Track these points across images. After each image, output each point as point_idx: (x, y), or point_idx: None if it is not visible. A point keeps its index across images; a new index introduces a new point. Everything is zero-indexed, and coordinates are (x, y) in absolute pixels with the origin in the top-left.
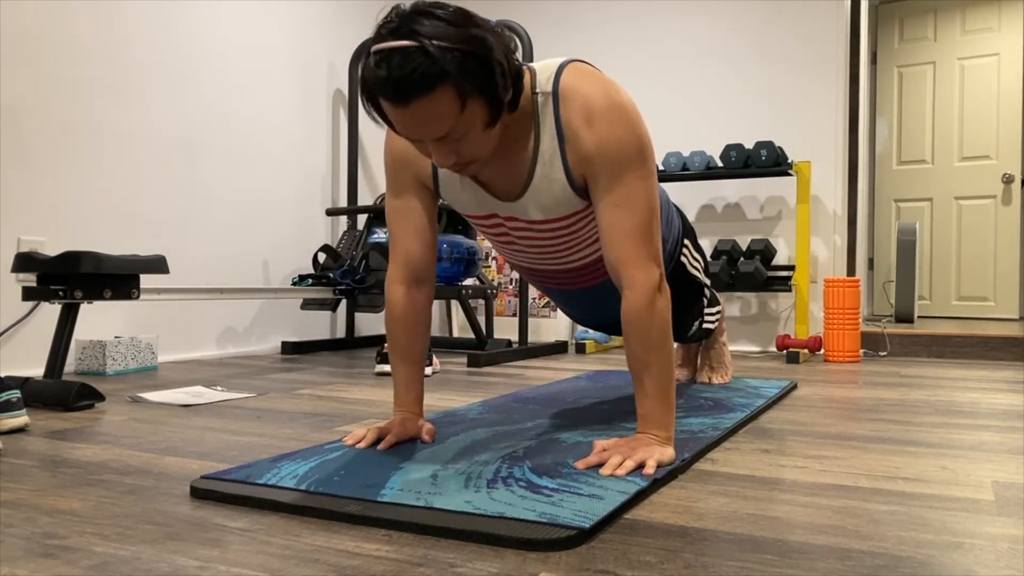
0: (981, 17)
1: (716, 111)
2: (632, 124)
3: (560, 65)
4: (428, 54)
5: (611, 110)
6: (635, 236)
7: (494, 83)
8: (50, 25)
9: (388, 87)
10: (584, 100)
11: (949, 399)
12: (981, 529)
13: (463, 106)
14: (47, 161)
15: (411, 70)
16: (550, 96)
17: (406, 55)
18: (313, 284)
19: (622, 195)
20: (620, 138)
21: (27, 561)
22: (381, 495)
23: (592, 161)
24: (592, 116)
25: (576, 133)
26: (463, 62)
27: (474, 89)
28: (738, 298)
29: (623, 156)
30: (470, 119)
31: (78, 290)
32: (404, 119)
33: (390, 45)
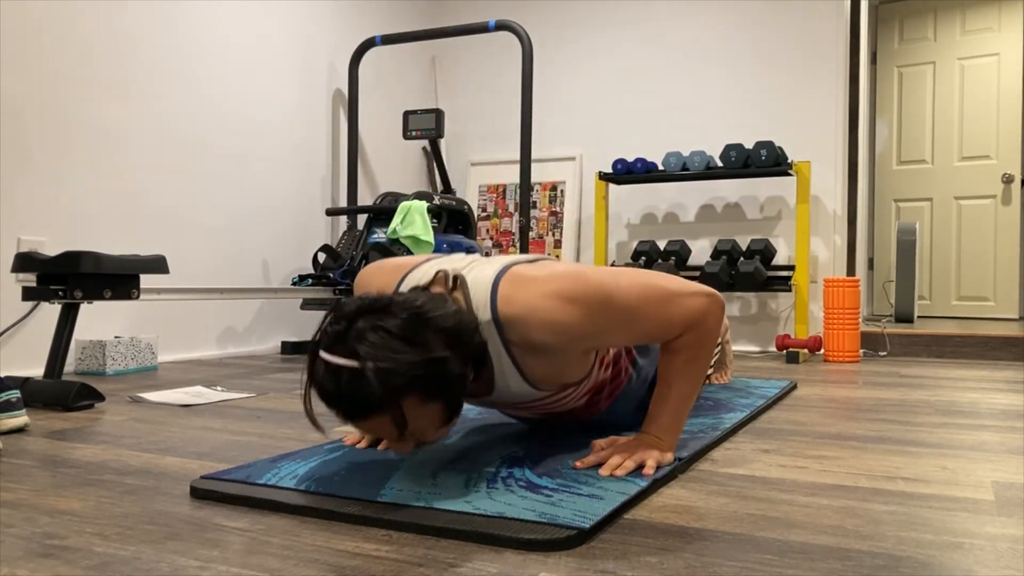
0: (981, 17)
1: (716, 111)
2: (577, 313)
3: (492, 286)
4: (371, 379)
5: (555, 330)
6: (659, 326)
7: (451, 391)
8: (51, 25)
9: (336, 403)
10: (523, 328)
11: (949, 399)
12: (981, 529)
13: (416, 416)
14: (47, 161)
15: (357, 396)
16: (491, 324)
17: (352, 377)
18: (313, 284)
19: (619, 336)
20: (574, 329)
21: (27, 561)
22: (381, 495)
23: (564, 358)
24: (537, 348)
25: (528, 358)
26: (413, 383)
27: (428, 399)
28: (738, 298)
29: (592, 332)
30: (427, 419)
31: (78, 290)
32: (358, 427)
33: (335, 360)
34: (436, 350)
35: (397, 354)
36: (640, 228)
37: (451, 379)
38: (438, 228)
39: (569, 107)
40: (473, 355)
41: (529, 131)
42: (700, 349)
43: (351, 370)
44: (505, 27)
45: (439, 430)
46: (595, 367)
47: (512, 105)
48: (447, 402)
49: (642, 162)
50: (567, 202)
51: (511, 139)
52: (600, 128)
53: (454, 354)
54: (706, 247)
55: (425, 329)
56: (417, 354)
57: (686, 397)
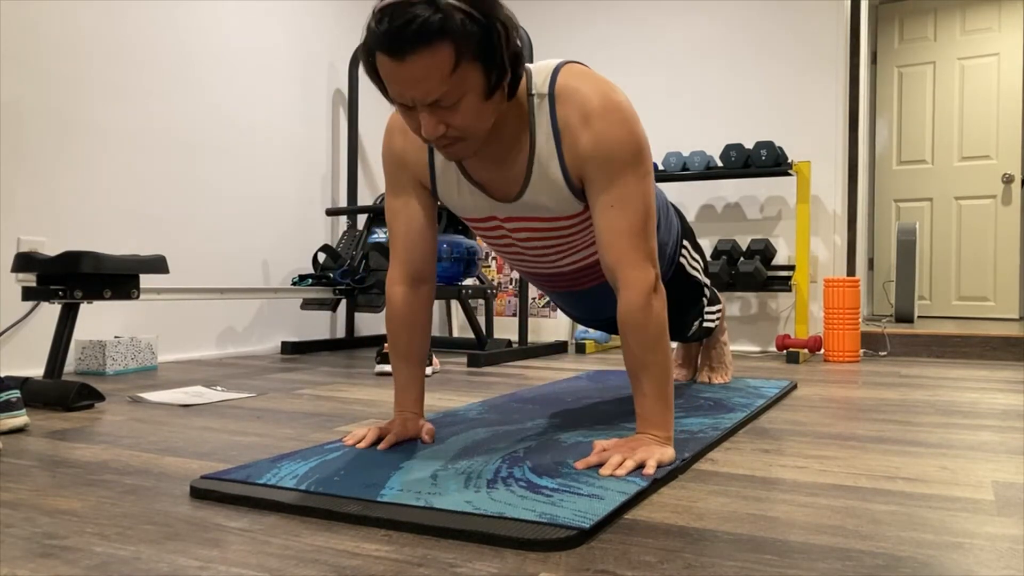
0: (981, 17)
1: (716, 111)
2: (629, 124)
3: (556, 66)
4: (430, 6)
5: (608, 110)
6: (631, 236)
7: (495, 51)
8: (51, 25)
9: (386, 39)
10: (581, 100)
11: (949, 399)
12: (981, 529)
13: (460, 67)
14: (47, 161)
15: (409, 21)
16: (546, 97)
17: (408, 7)
18: (313, 284)
19: (618, 196)
20: (617, 138)
21: (27, 561)
22: (381, 495)
23: (589, 161)
24: (589, 116)
25: (573, 133)
26: (465, 22)
27: (473, 52)
28: (738, 298)
29: (619, 156)
30: (465, 84)
31: (78, 290)
32: (399, 75)
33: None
34: (496, 12)
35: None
36: None
37: (498, 39)
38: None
39: None
40: (514, 48)
41: None
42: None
43: (408, 1)
44: None
45: (472, 111)
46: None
47: None
48: (487, 70)
49: None
50: None
51: None
52: None
53: (504, 21)
54: (706, 247)
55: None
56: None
57: (659, 387)
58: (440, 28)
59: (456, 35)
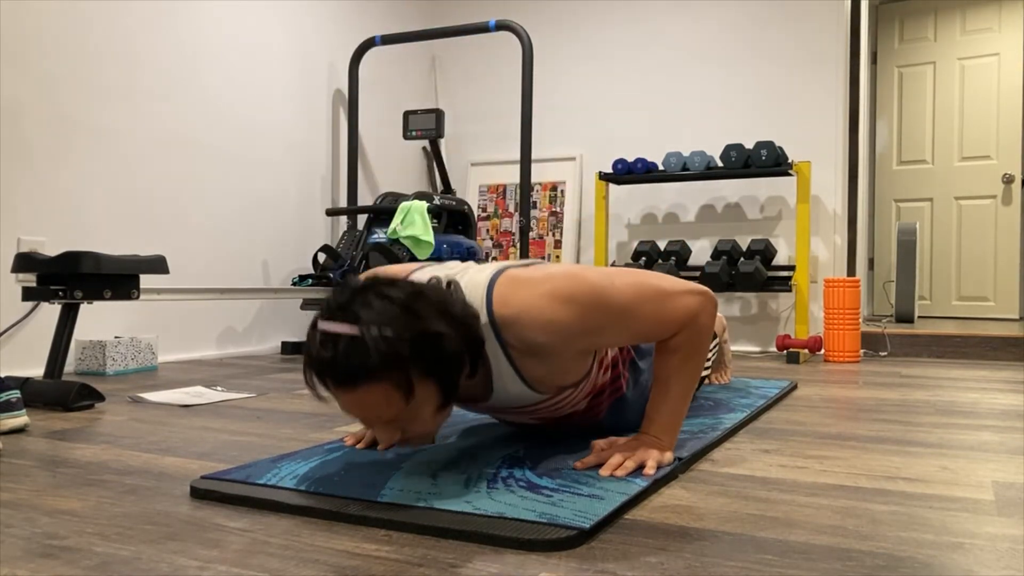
0: (981, 17)
1: (716, 111)
2: (571, 306)
3: (488, 288)
4: (371, 346)
5: (548, 326)
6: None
7: (447, 371)
8: (50, 25)
9: (330, 371)
10: (521, 333)
11: (949, 399)
12: (981, 529)
13: (410, 394)
14: (47, 161)
15: (352, 360)
16: (488, 328)
17: (349, 343)
18: (313, 284)
19: (612, 340)
20: (571, 327)
21: (27, 561)
22: (381, 495)
23: (560, 357)
24: (533, 347)
25: (525, 359)
26: (410, 353)
27: (424, 375)
28: (738, 298)
29: (587, 330)
30: (420, 402)
31: (78, 290)
32: (348, 402)
33: (334, 328)
34: (437, 324)
35: (398, 322)
36: (640, 228)
37: (449, 357)
38: (438, 228)
39: (569, 107)
40: (472, 345)
41: (529, 131)
42: (694, 348)
43: (350, 336)
44: (505, 27)
45: (430, 420)
46: (594, 368)
47: (512, 105)
48: (442, 384)
49: (642, 162)
50: (567, 202)
51: (511, 139)
52: (600, 128)
53: (454, 335)
54: (706, 247)
55: (428, 305)
56: (418, 325)
57: (683, 396)
58: (382, 368)
59: (399, 371)
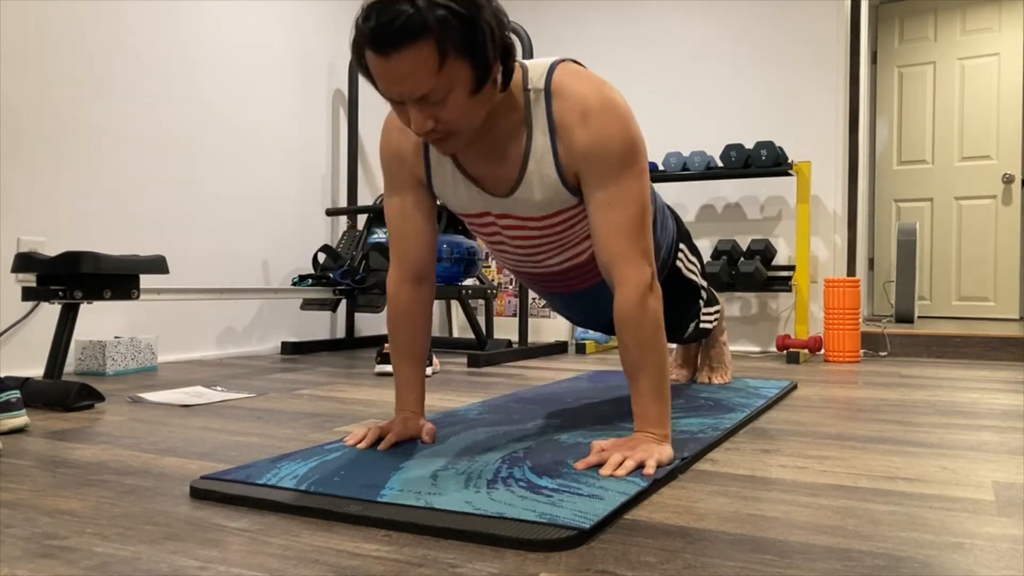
0: (981, 17)
1: (716, 111)
2: (625, 122)
3: (552, 63)
4: (414, 4)
5: (604, 108)
6: (627, 234)
7: (480, 46)
8: (50, 25)
9: (372, 36)
10: (578, 97)
11: (949, 399)
12: (981, 529)
13: (445, 63)
14: (47, 161)
15: (394, 18)
16: (542, 92)
17: (393, 5)
18: (313, 284)
19: (614, 193)
20: (613, 136)
21: (27, 561)
22: (381, 495)
23: (585, 158)
24: (586, 114)
25: (569, 130)
26: (449, 18)
27: (458, 48)
28: (738, 298)
29: (616, 154)
30: (453, 79)
31: (78, 290)
32: (386, 71)
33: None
34: (483, 10)
35: None
36: None
37: (484, 38)
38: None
39: None
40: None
41: None
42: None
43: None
44: None
45: (461, 106)
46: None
47: None
48: (475, 65)
49: None
50: None
51: None
52: None
53: (491, 19)
54: (706, 247)
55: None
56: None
57: (656, 386)
58: (423, 25)
59: (440, 31)
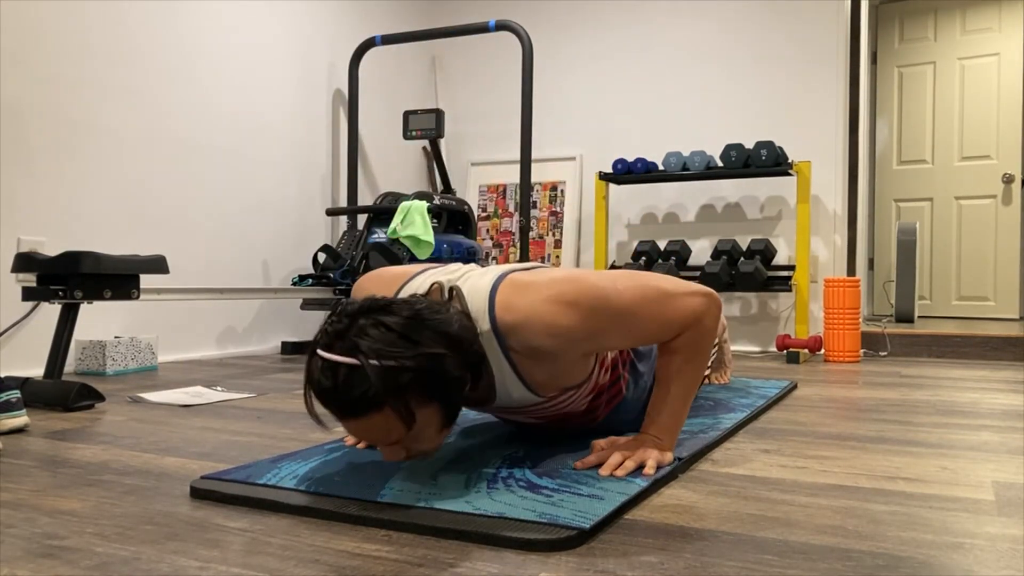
0: (981, 17)
1: (716, 111)
2: (577, 323)
3: (490, 296)
4: (369, 376)
5: (551, 331)
6: (656, 326)
7: (449, 389)
8: (51, 25)
9: (331, 400)
10: (525, 339)
11: (950, 399)
12: (981, 529)
13: (412, 419)
14: (47, 161)
15: (352, 392)
16: (491, 334)
17: (348, 374)
18: (313, 284)
19: (615, 342)
20: (574, 340)
21: (27, 561)
22: (381, 495)
23: (564, 368)
24: (537, 352)
25: (528, 366)
26: (410, 381)
27: (426, 400)
28: (738, 298)
29: (589, 342)
30: (422, 424)
31: (78, 290)
32: (351, 427)
33: (333, 358)
34: (436, 348)
35: (397, 350)
36: (640, 228)
37: (450, 380)
38: (438, 228)
39: (569, 107)
40: (471, 361)
41: (529, 131)
42: (697, 349)
43: (349, 366)
44: (505, 27)
45: (434, 438)
46: (596, 370)
47: (512, 105)
48: (444, 405)
49: (642, 162)
50: (567, 202)
51: (511, 139)
52: (600, 128)
53: (453, 356)
54: (706, 247)
55: (425, 329)
56: (417, 351)
57: (685, 397)
58: (382, 399)
59: (401, 396)
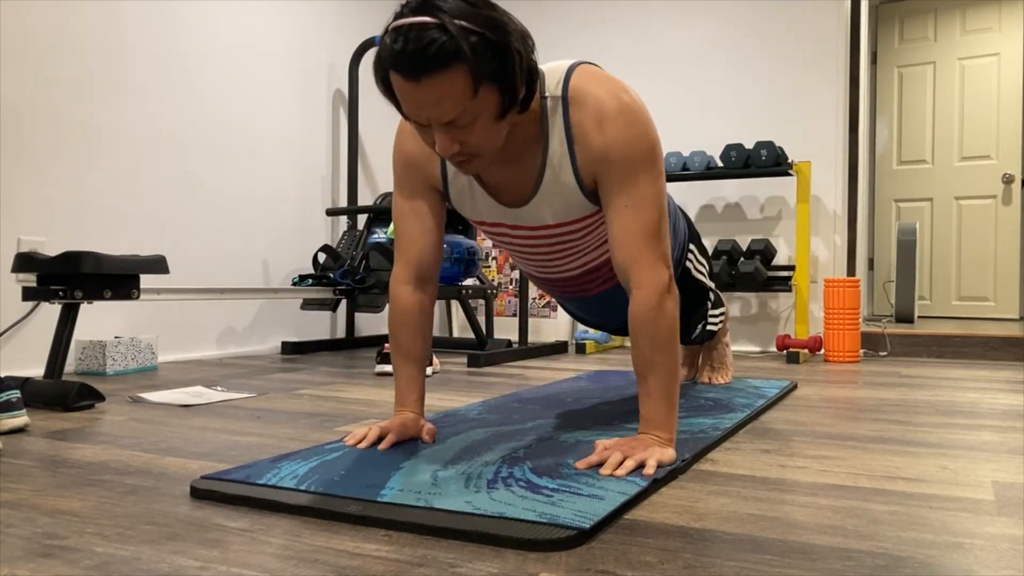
0: (981, 17)
1: (716, 111)
2: (642, 126)
3: (569, 68)
4: (447, 31)
5: (622, 112)
6: (644, 237)
7: (510, 72)
8: (50, 25)
9: (402, 61)
10: (595, 103)
11: (949, 399)
12: (981, 529)
13: (475, 90)
14: (47, 161)
15: (427, 45)
16: (559, 100)
17: (424, 30)
18: (313, 284)
19: (632, 196)
20: (630, 140)
21: (27, 561)
22: (381, 495)
23: (603, 162)
24: (603, 119)
25: (586, 136)
26: (481, 45)
27: (488, 75)
28: (738, 298)
29: (633, 158)
30: (481, 105)
31: (78, 290)
32: (414, 96)
33: (409, 21)
34: (506, 24)
35: (471, 16)
36: None
37: (512, 60)
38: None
39: None
40: (531, 67)
41: None
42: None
43: (423, 24)
44: None
45: (488, 129)
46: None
47: None
48: (503, 91)
49: None
50: None
51: None
52: None
53: (519, 39)
54: (707, 247)
55: (498, 12)
56: (489, 22)
57: (665, 388)
58: (455, 53)
59: (471, 59)
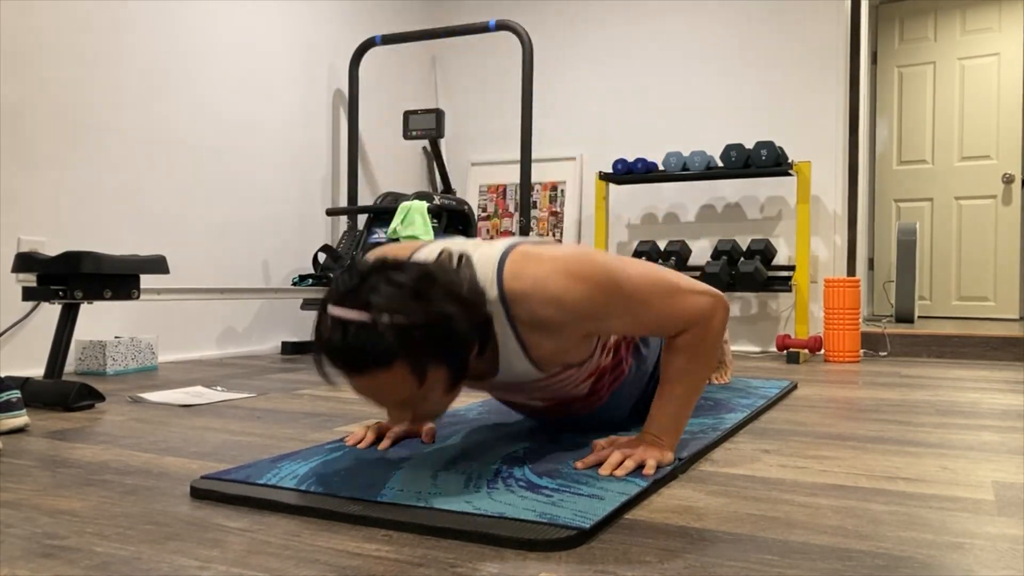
0: (981, 17)
1: (716, 111)
2: (586, 288)
3: (498, 263)
4: (380, 334)
5: (563, 294)
6: (659, 318)
7: (457, 354)
8: (51, 25)
9: (337, 357)
10: (531, 309)
11: (949, 399)
12: (981, 529)
13: (420, 379)
14: (48, 161)
15: (361, 347)
16: (497, 301)
17: (359, 329)
18: (313, 284)
19: (623, 324)
20: (581, 312)
21: (27, 561)
22: (381, 495)
23: (566, 335)
24: (544, 323)
25: (534, 338)
26: (420, 336)
27: (432, 360)
28: (738, 298)
29: (596, 315)
30: (430, 386)
31: (78, 290)
32: (356, 385)
33: (342, 314)
34: (446, 307)
35: (408, 306)
36: (640, 228)
37: (458, 340)
38: (438, 228)
39: (569, 107)
40: (480, 324)
41: (529, 131)
42: (702, 349)
43: (360, 322)
44: (505, 27)
45: (441, 399)
46: (597, 350)
47: (512, 105)
48: (452, 366)
49: (642, 162)
50: (567, 202)
51: (511, 139)
52: (600, 128)
53: (463, 317)
54: (706, 247)
55: (436, 288)
56: (428, 308)
57: (688, 398)
58: (392, 353)
59: (411, 355)
